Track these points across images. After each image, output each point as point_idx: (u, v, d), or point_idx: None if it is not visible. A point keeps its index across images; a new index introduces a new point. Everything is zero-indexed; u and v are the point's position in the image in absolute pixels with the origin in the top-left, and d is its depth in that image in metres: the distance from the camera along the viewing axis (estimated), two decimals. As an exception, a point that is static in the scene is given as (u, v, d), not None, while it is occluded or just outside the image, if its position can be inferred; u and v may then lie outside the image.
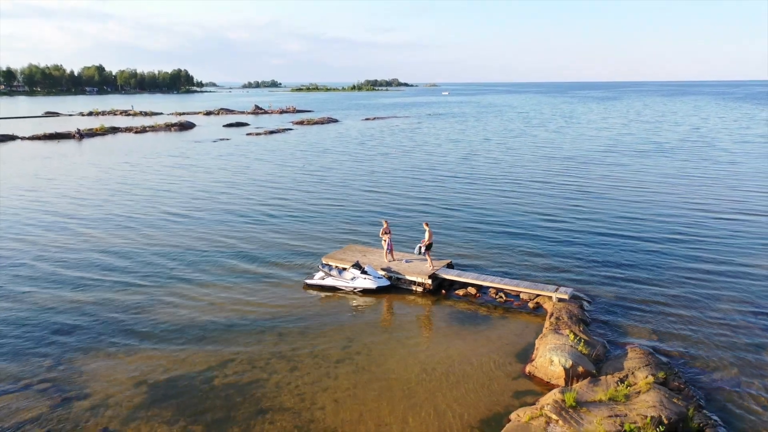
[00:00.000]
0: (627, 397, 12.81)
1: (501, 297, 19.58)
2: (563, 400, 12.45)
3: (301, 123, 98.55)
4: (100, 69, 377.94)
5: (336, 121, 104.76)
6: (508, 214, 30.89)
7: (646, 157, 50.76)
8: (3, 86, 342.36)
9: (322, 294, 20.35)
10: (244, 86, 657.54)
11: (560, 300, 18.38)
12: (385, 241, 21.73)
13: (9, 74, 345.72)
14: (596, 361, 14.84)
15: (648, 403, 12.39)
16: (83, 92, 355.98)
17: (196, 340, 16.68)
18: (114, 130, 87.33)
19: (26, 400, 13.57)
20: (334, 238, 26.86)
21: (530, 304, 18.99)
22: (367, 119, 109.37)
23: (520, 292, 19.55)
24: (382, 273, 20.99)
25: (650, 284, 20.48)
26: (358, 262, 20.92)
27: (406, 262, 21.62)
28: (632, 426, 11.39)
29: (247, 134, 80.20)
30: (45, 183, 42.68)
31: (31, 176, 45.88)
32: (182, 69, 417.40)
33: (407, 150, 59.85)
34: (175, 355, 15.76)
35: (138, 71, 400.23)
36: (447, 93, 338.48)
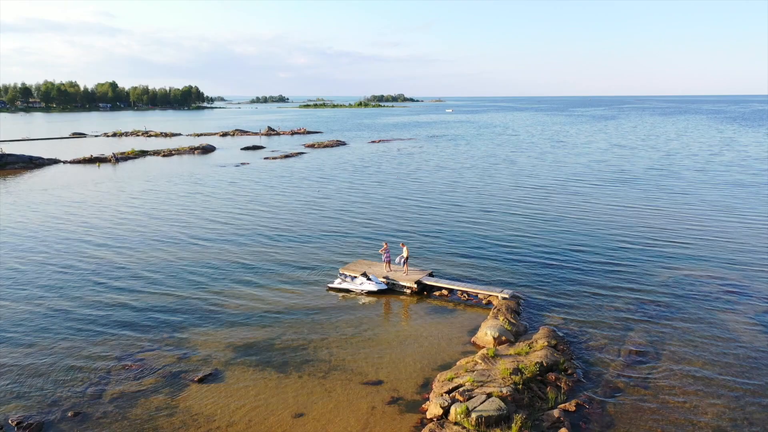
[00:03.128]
0: (527, 353, 21.25)
1: (465, 296, 28.04)
2: (487, 353, 20.91)
3: (312, 146, 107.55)
4: (113, 86, 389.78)
5: (344, 144, 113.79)
6: (476, 236, 39.35)
7: (608, 187, 59.01)
8: (20, 102, 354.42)
9: (340, 294, 28.87)
10: (252, 101, 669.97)
11: (504, 298, 26.79)
12: (384, 256, 30.23)
13: (26, 91, 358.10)
14: (516, 335, 23.25)
15: (538, 356, 20.82)
16: (97, 108, 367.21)
17: (258, 321, 25.21)
18: (143, 153, 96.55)
19: (162, 354, 22.11)
20: (346, 254, 35.37)
21: (484, 301, 27.44)
22: (373, 141, 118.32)
23: (478, 293, 27.99)
24: (382, 280, 29.47)
25: (569, 289, 28.90)
26: (365, 272, 29.47)
27: (399, 272, 30.10)
28: (523, 365, 19.81)
29: (265, 158, 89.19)
30: (107, 208, 51.52)
31: (91, 201, 54.79)
32: (193, 86, 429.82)
33: (402, 176, 68.54)
34: (247, 330, 24.30)
35: (150, 88, 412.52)
36: (451, 110, 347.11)
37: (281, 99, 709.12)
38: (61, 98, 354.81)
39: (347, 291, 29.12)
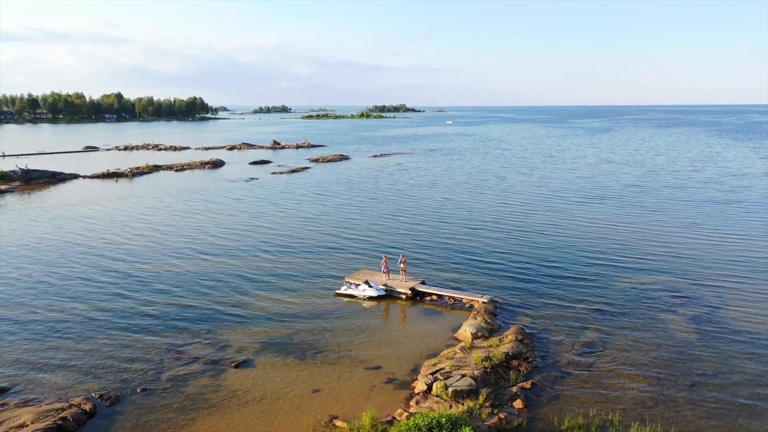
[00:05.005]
0: (497, 345, 26.43)
1: (451, 300, 33.25)
2: (465, 345, 26.10)
3: (316, 161, 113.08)
4: (119, 97, 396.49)
5: (347, 158, 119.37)
6: (463, 250, 44.58)
7: (587, 204, 63.79)
8: (27, 113, 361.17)
9: (346, 299, 34.10)
10: (256, 111, 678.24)
11: (483, 302, 31.96)
12: (384, 267, 35.47)
13: (33, 102, 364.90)
14: (491, 331, 28.43)
15: (507, 347, 25.99)
16: (103, 119, 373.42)
17: (278, 322, 30.43)
18: (157, 168, 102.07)
19: (202, 347, 27.30)
20: (349, 265, 40.60)
21: (467, 305, 32.63)
22: (374, 156, 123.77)
23: (462, 298, 33.19)
24: (382, 287, 34.67)
25: (540, 296, 34.09)
26: (367, 280, 34.69)
27: (396, 281, 35.32)
28: (492, 354, 24.97)
29: (272, 173, 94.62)
30: (132, 223, 56.93)
31: (116, 216, 60.20)
32: (197, 96, 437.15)
33: (400, 192, 73.84)
34: (269, 328, 29.50)
35: (155, 99, 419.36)
36: (451, 122, 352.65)
37: (284, 109, 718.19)
38: (68, 109, 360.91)
39: (352, 296, 34.30)
